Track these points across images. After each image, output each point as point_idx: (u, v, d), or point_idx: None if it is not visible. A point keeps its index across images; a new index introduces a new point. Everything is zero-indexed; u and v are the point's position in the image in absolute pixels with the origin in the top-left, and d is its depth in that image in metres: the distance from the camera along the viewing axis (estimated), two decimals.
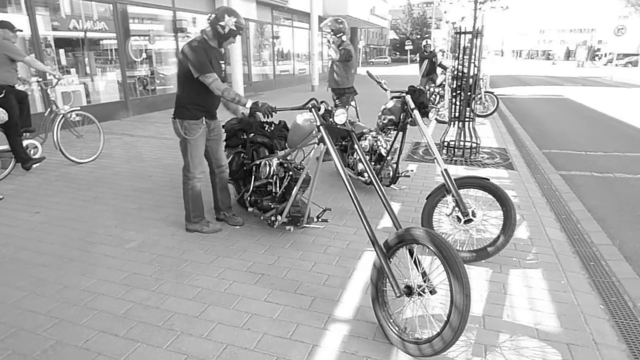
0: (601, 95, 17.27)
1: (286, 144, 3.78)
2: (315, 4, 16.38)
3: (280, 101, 13.22)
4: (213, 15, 3.30)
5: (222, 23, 3.27)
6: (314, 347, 2.28)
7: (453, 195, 3.26)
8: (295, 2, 17.27)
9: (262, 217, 3.58)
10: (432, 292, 2.25)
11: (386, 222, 3.95)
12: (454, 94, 6.40)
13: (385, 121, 4.34)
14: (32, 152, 5.43)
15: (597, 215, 4.37)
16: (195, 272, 3.04)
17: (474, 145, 6.58)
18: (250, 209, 3.72)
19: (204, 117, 3.45)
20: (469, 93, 6.42)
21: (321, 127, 2.86)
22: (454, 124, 6.62)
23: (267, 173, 3.51)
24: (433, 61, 10.75)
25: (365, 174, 4.55)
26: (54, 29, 8.55)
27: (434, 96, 9.81)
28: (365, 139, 4.64)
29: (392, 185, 4.63)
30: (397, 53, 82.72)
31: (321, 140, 2.96)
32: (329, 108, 3.08)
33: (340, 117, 2.94)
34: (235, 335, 2.36)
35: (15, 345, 2.28)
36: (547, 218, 4.17)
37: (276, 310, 2.58)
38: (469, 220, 3.24)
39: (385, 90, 4.22)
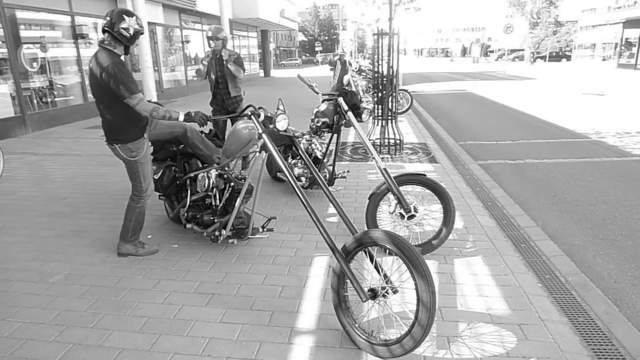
0: (498, 88, 18.93)
1: (221, 154, 3.61)
2: (225, 7, 16.02)
3: (197, 108, 12.74)
4: (109, 20, 3.00)
5: (124, 25, 3.00)
6: None
7: (394, 193, 3.34)
8: (204, 5, 16.76)
9: (204, 233, 3.39)
10: (395, 292, 2.27)
11: (328, 225, 3.94)
12: (374, 93, 6.61)
13: (319, 124, 4.34)
14: None
15: (518, 199, 4.74)
16: (138, 300, 2.78)
17: (397, 142, 6.86)
18: (188, 226, 3.51)
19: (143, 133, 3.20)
20: (390, 92, 6.67)
21: (264, 135, 2.77)
22: (377, 123, 6.83)
23: (205, 186, 3.32)
24: (346, 67, 11.03)
25: (303, 178, 4.51)
26: None
27: None
28: (300, 143, 4.59)
29: (330, 187, 4.64)
30: (307, 54, 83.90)
31: (263, 147, 2.87)
32: (268, 114, 2.99)
33: (281, 123, 2.88)
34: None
35: None
36: (475, 206, 4.44)
37: (235, 331, 2.44)
38: (412, 216, 3.35)
39: (317, 93, 4.22)
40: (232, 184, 3.30)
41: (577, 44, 51.94)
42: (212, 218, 3.35)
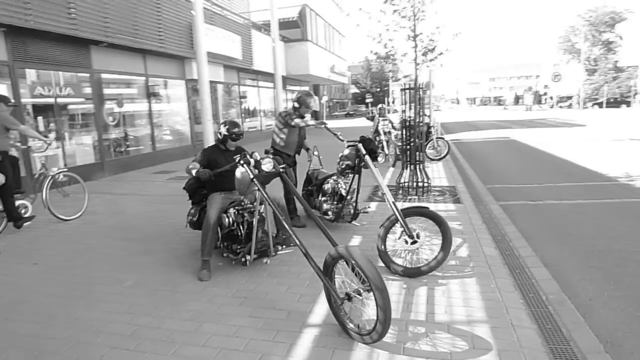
0: (543, 134, 18.97)
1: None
2: (279, 66, 17.65)
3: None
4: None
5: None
6: (291, 345, 2.84)
7: (400, 223, 3.98)
8: (259, 64, 18.50)
9: (233, 261, 4.11)
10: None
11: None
12: (405, 141, 7.31)
13: (343, 166, 5.10)
14: (22, 211, 5.85)
15: (526, 234, 5.17)
16: (187, 300, 3.56)
17: (425, 184, 7.45)
18: (224, 254, 4.20)
19: None
20: (419, 140, 7.36)
21: (254, 180, 3.48)
22: (407, 167, 7.49)
23: (227, 224, 4.06)
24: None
25: (330, 213, 5.24)
26: (34, 97, 9.12)
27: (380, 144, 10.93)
28: (328, 182, 5.36)
29: (354, 222, 5.31)
30: (357, 106, 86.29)
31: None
32: (258, 159, 3.68)
33: (267, 165, 3.54)
34: (226, 342, 2.89)
35: None
36: (484, 239, 4.92)
37: (259, 322, 3.14)
38: (415, 242, 3.96)
39: (342, 140, 5.03)
40: (245, 215, 4.03)
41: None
42: (237, 247, 4.07)
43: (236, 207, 4.12)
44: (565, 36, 65.91)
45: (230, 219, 4.07)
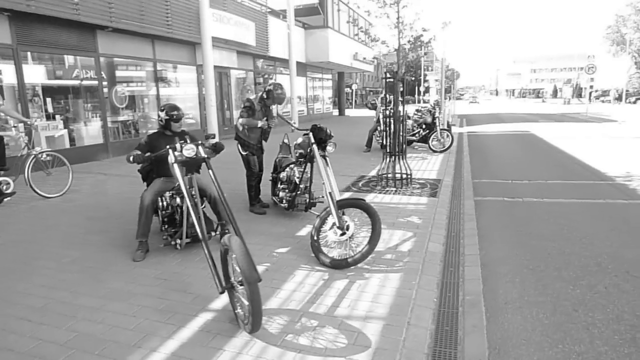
0: (566, 129, 18.18)
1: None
2: (293, 52, 17.62)
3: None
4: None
5: None
6: (179, 327, 2.90)
7: (332, 214, 3.96)
8: (277, 51, 18.51)
9: (171, 244, 4.19)
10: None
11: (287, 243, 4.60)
12: (382, 131, 7.20)
13: (297, 154, 5.09)
14: (4, 187, 6.17)
15: (483, 232, 5.01)
16: (112, 279, 3.68)
17: (405, 176, 7.32)
18: (164, 237, 4.25)
19: None
20: (400, 131, 7.23)
21: (174, 165, 3.47)
22: (387, 158, 7.37)
23: (161, 207, 4.18)
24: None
25: (284, 201, 5.26)
26: (42, 78, 9.53)
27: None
28: (284, 171, 5.37)
29: (310, 210, 5.30)
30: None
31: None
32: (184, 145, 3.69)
33: (188, 151, 3.49)
34: (122, 321, 2.98)
35: None
36: (436, 235, 4.81)
37: (162, 304, 3.22)
38: (344, 234, 3.94)
39: (293, 130, 5.01)
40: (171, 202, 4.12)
41: None
42: (173, 230, 4.18)
43: (171, 191, 4.21)
44: (614, 26, 62.20)
45: (165, 203, 4.17)
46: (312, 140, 4.63)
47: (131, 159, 4.08)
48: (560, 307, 3.22)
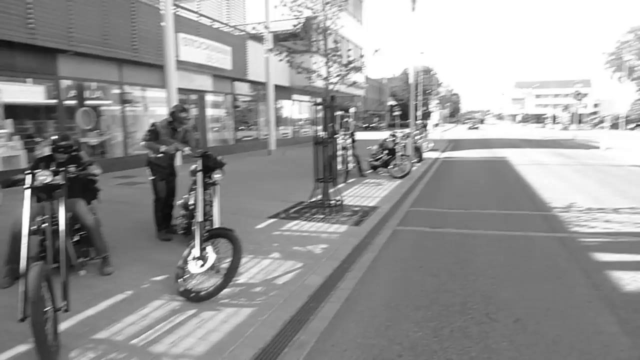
0: (544, 155, 18.08)
1: None
2: (271, 76, 17.82)
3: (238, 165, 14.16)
4: None
5: None
6: None
7: (195, 245, 3.90)
8: (258, 74, 18.70)
9: None
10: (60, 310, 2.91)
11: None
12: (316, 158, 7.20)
13: (191, 182, 5.06)
14: None
15: (376, 264, 4.88)
16: None
17: (335, 204, 7.26)
18: None
19: None
20: (332, 157, 7.20)
21: (29, 190, 3.41)
22: (318, 185, 7.32)
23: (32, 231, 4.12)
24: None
25: (177, 227, 5.24)
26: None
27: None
28: (182, 198, 5.34)
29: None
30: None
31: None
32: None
33: (41, 177, 3.46)
34: None
35: None
36: (325, 267, 4.70)
37: None
38: (203, 265, 3.86)
39: (190, 155, 4.99)
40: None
41: None
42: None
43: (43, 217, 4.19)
44: (617, 52, 62.38)
45: (36, 227, 4.15)
46: (199, 167, 4.61)
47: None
48: (386, 351, 3.07)
